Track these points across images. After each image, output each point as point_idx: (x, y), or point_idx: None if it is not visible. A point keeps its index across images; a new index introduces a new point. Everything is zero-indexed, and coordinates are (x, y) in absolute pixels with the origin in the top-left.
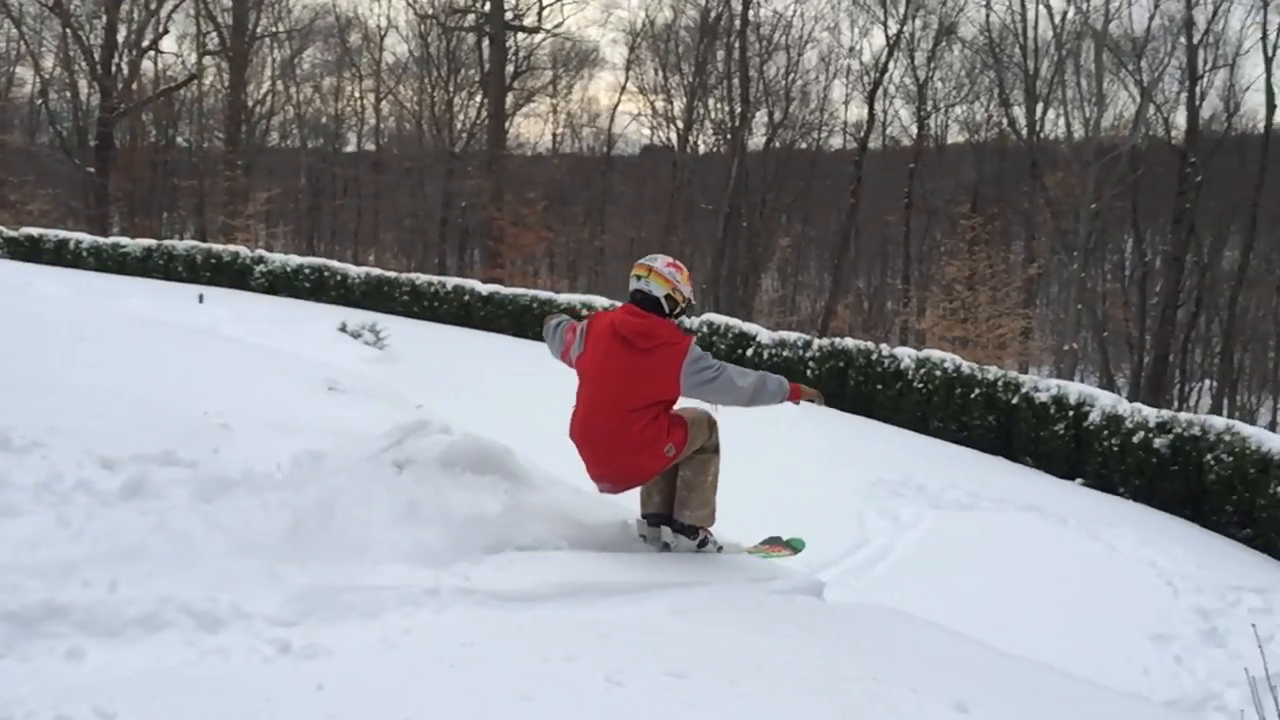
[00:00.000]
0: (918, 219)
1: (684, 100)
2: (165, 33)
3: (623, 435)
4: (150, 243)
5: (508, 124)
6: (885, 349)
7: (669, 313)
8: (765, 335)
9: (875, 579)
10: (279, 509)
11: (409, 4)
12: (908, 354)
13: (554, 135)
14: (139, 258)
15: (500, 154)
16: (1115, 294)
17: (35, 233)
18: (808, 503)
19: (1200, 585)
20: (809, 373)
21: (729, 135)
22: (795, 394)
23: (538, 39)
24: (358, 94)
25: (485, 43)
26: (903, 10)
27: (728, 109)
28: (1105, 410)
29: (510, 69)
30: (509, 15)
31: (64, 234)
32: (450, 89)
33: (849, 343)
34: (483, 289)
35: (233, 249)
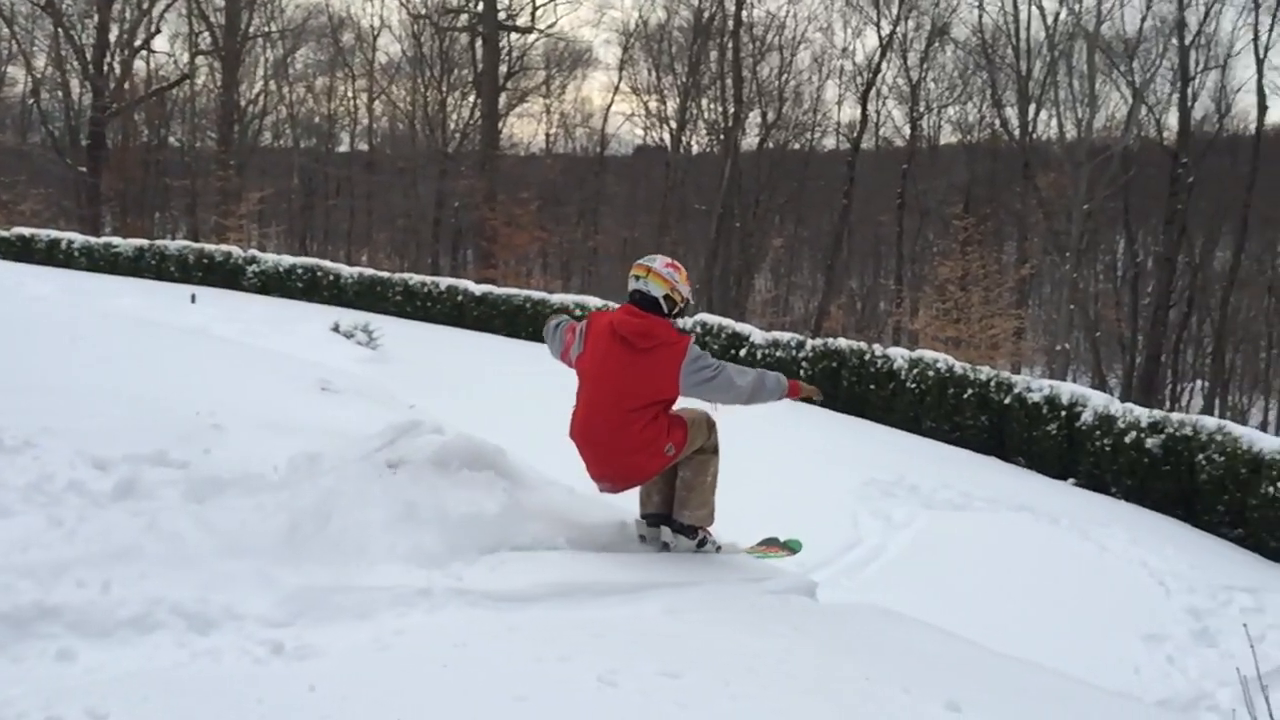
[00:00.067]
0: (910, 219)
1: (677, 100)
2: (157, 32)
3: (623, 435)
4: (142, 243)
5: (501, 124)
6: (878, 349)
7: (667, 313)
8: (758, 336)
9: (868, 579)
10: (275, 512)
11: (402, 4)
12: (900, 354)
13: (547, 135)
14: (131, 258)
15: (493, 154)
16: (1107, 294)
17: (27, 233)
18: (801, 503)
19: (1192, 585)
20: (802, 373)
21: (722, 135)
22: (794, 390)
23: (531, 39)
24: (351, 94)
25: (478, 43)
26: (895, 11)
27: (721, 109)
28: (1097, 410)
29: (503, 69)
30: (502, 15)
31: (56, 234)
32: (443, 89)
33: (842, 343)
34: (476, 289)
35: (225, 249)
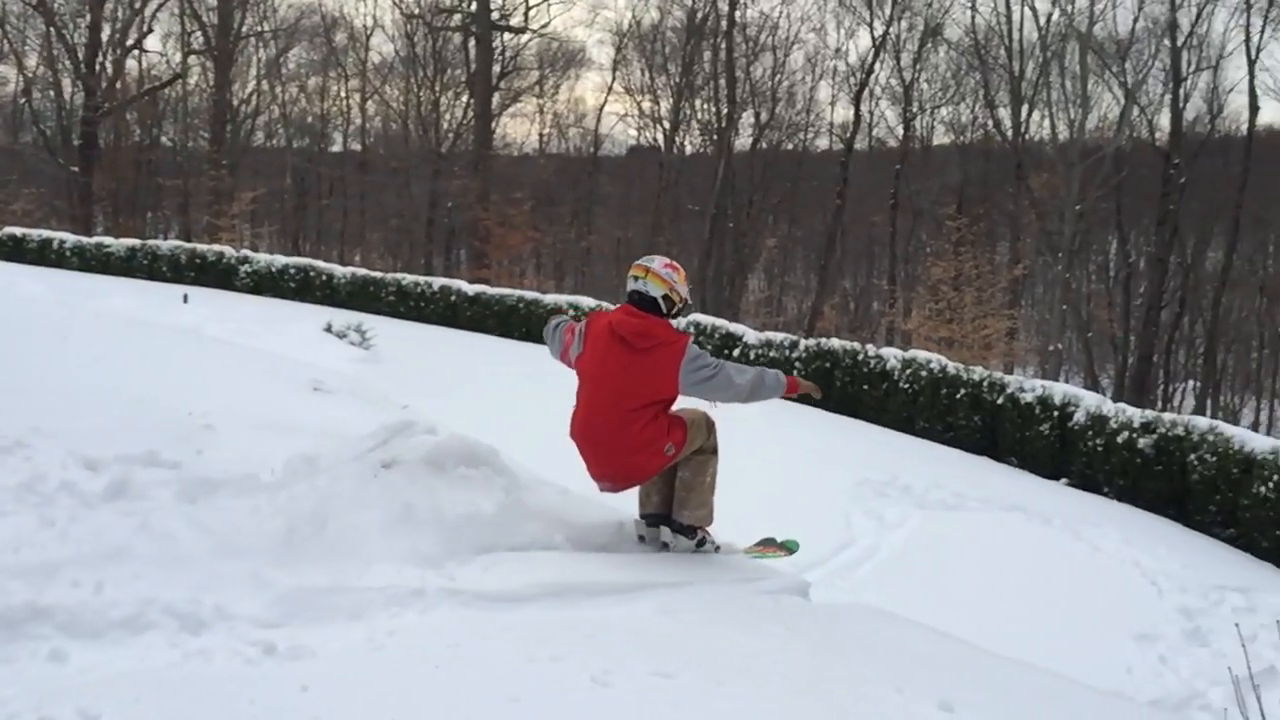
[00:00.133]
0: (903, 220)
1: (670, 101)
2: (150, 31)
3: (623, 435)
4: (134, 243)
5: (494, 124)
6: (871, 349)
7: (666, 313)
8: (752, 336)
9: (861, 579)
10: (272, 514)
11: (395, 4)
12: (894, 354)
13: (540, 135)
14: (123, 258)
15: (487, 154)
16: (1099, 295)
17: (19, 232)
18: (794, 503)
19: (1184, 585)
20: (795, 373)
21: (715, 136)
22: (793, 387)
23: (524, 39)
24: (343, 94)
25: (471, 43)
26: (888, 11)
27: (714, 110)
28: (1090, 410)
29: (497, 69)
30: (495, 15)
31: (48, 234)
32: (436, 89)
33: (835, 343)
34: (469, 289)
35: (217, 249)
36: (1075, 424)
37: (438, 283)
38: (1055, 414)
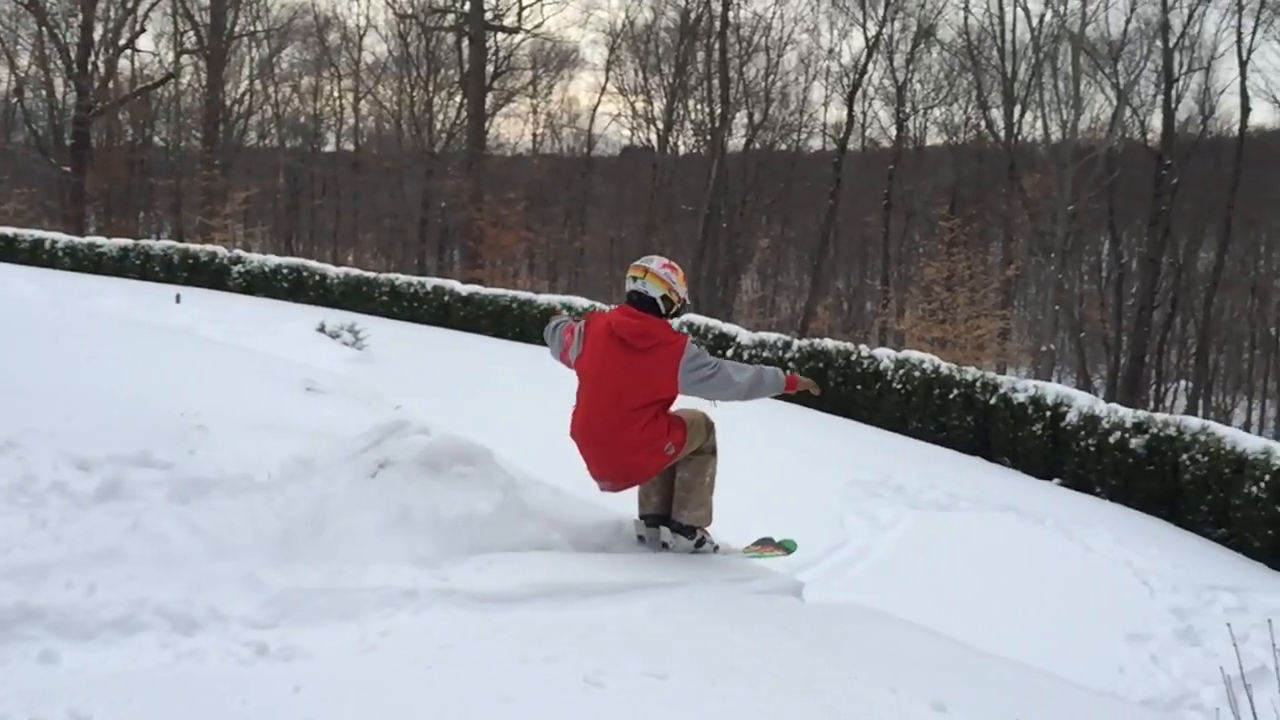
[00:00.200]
0: (896, 220)
1: (664, 101)
2: (142, 31)
3: (623, 435)
4: (127, 243)
5: (487, 124)
6: (864, 350)
7: (665, 313)
8: (745, 336)
9: (854, 579)
10: (269, 517)
11: (388, 3)
12: (886, 355)
13: (534, 136)
14: (115, 258)
15: (480, 154)
16: (1092, 295)
17: (10, 232)
18: (787, 503)
19: (1176, 584)
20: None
21: (709, 136)
22: (791, 384)
23: (517, 39)
24: (336, 93)
25: (465, 43)
26: (881, 12)
27: (707, 110)
28: (1082, 411)
29: (490, 69)
30: (489, 15)
31: (39, 234)
32: (430, 89)
33: (828, 343)
34: (462, 289)
35: (210, 249)
36: (1068, 424)
37: (431, 283)
38: (1048, 414)
